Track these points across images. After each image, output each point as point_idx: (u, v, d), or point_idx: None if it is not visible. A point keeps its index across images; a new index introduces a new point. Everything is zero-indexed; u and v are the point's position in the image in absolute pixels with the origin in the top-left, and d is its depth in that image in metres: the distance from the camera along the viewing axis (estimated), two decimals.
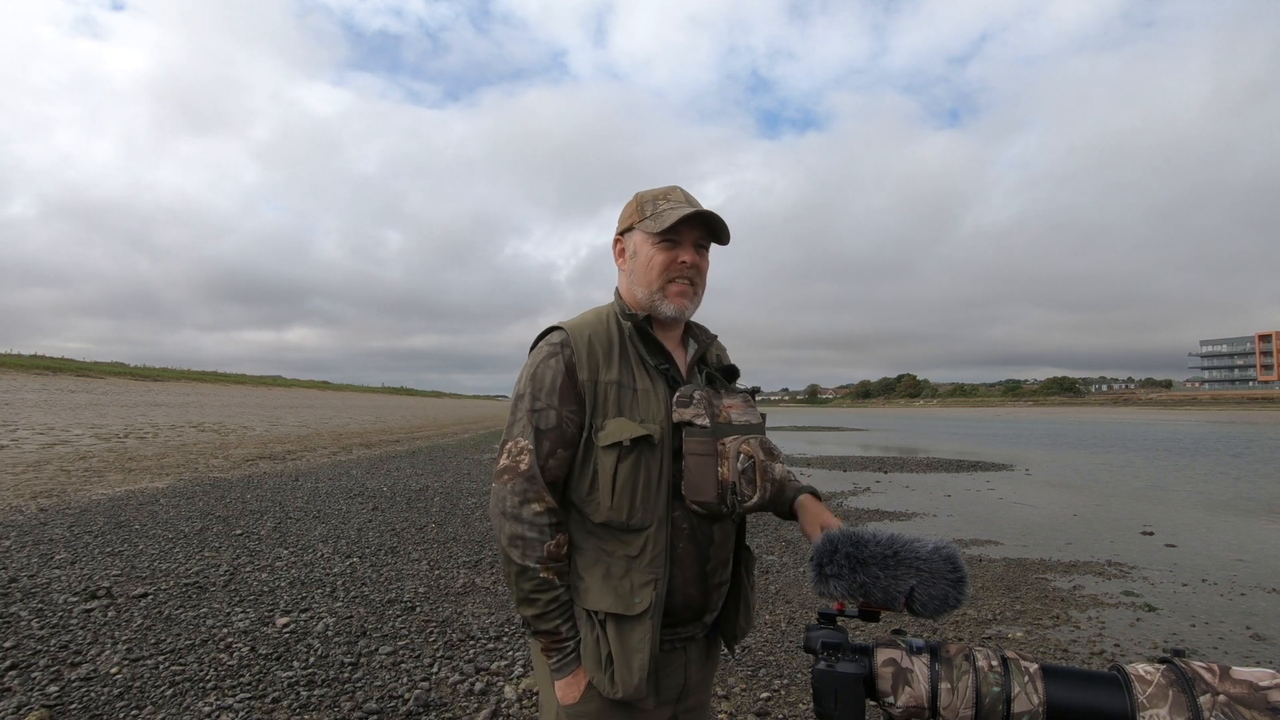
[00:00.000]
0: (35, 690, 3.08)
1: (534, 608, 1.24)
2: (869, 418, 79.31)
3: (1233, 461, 18.05)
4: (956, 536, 7.52)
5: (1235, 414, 76.56)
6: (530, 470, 1.23)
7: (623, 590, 1.24)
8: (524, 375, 1.31)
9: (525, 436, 1.25)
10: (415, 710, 3.01)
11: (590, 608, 1.25)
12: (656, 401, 1.29)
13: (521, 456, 1.24)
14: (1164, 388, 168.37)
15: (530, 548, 1.22)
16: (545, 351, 1.30)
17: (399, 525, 7.26)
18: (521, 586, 1.23)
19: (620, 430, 1.24)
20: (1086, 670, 0.84)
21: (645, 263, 1.33)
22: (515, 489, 1.23)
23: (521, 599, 1.24)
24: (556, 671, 1.25)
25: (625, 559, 1.26)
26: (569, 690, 1.25)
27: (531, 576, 1.22)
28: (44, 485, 8.90)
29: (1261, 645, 4.23)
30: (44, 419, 17.10)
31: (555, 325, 1.35)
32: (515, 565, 1.23)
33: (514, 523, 1.22)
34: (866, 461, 17.42)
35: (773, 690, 3.31)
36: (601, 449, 1.25)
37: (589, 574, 1.27)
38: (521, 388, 1.29)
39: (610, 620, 1.24)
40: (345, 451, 16.65)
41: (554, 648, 1.25)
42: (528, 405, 1.27)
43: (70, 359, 44.07)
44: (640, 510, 1.25)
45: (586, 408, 1.26)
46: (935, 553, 0.99)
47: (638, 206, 1.37)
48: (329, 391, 72.85)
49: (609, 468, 1.24)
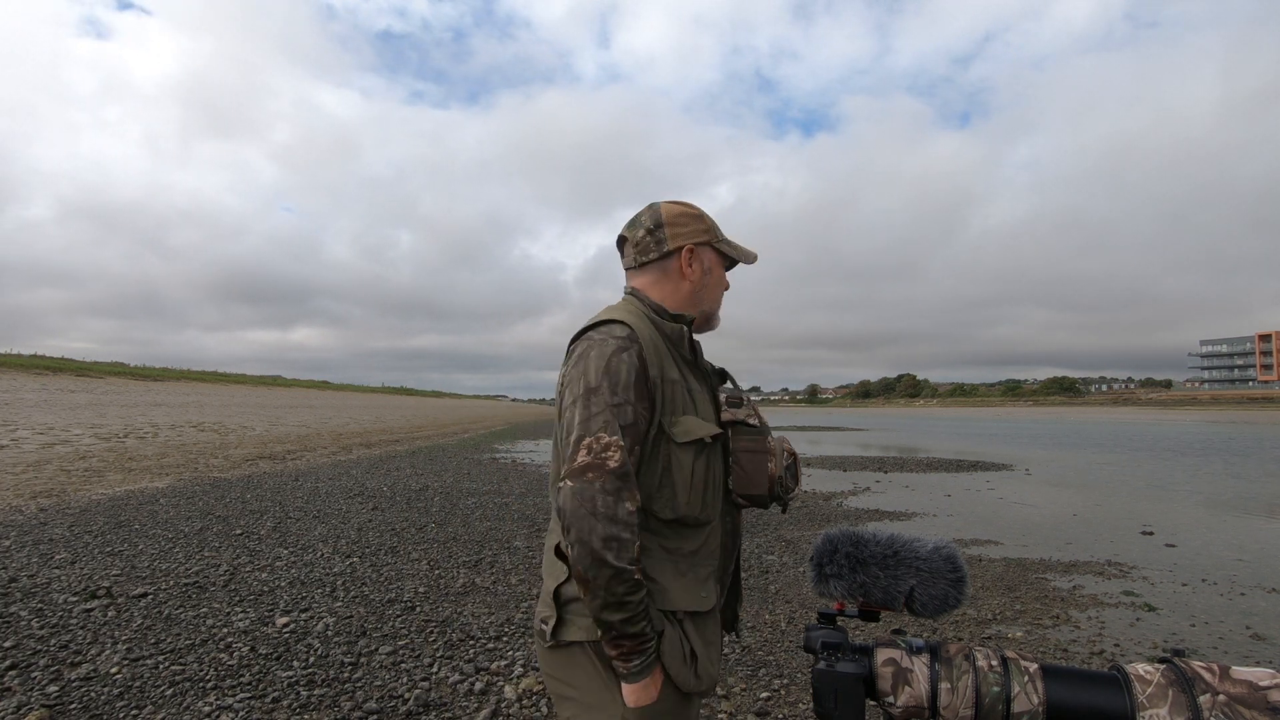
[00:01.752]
0: (35, 690, 3.08)
1: (624, 611, 1.14)
2: (869, 418, 79.31)
3: (1233, 461, 18.06)
4: (956, 536, 7.52)
5: (1235, 414, 76.55)
6: (622, 467, 1.15)
7: (693, 586, 1.27)
8: (592, 367, 1.22)
9: (609, 432, 1.16)
10: (415, 710, 3.01)
11: (670, 608, 1.24)
12: (707, 402, 1.35)
13: (609, 453, 1.15)
14: (1164, 388, 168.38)
15: (624, 549, 1.13)
16: (615, 345, 1.23)
17: (399, 525, 7.26)
18: (614, 591, 1.13)
19: (697, 427, 1.27)
20: (1086, 670, 0.84)
21: (717, 283, 1.44)
22: (607, 487, 1.13)
23: (611, 603, 1.14)
24: (636, 674, 1.18)
25: (688, 555, 1.28)
26: (648, 691, 1.20)
27: (626, 579, 1.13)
28: (44, 485, 8.90)
29: (1261, 645, 4.23)
30: (44, 419, 17.10)
31: (610, 318, 1.29)
32: (610, 568, 1.12)
33: (609, 523, 1.12)
34: (866, 461, 17.42)
35: (773, 690, 3.31)
36: (679, 445, 1.25)
37: (660, 574, 1.24)
38: (594, 380, 1.20)
39: (689, 618, 1.26)
40: (345, 451, 16.66)
41: (638, 650, 1.18)
42: (606, 399, 1.18)
43: (70, 359, 44.06)
44: (710, 506, 1.30)
45: (655, 405, 1.25)
46: (935, 552, 0.99)
47: (711, 225, 1.42)
48: (329, 391, 72.87)
49: (687, 464, 1.25)
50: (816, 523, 8.05)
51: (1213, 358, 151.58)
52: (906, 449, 23.53)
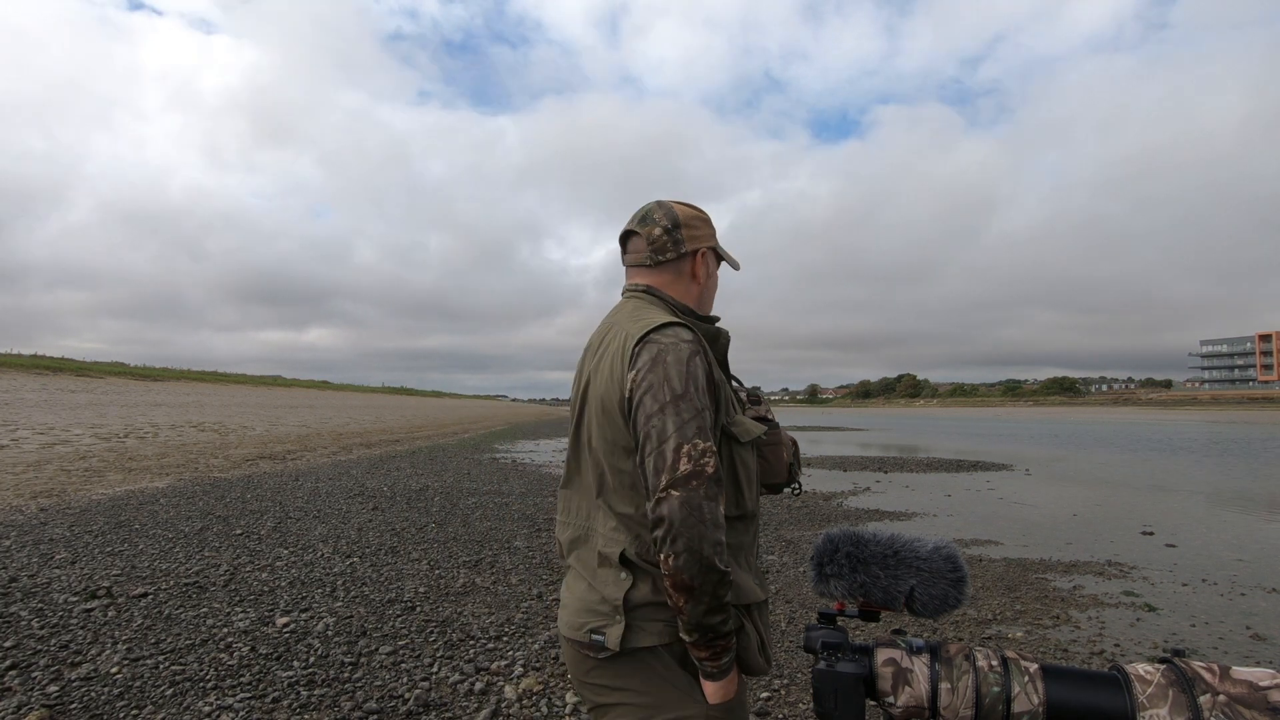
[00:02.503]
0: (35, 690, 3.08)
1: (724, 613, 1.16)
2: (869, 418, 79.32)
3: (1232, 461, 18.06)
4: (956, 536, 7.52)
5: (1235, 414, 76.55)
6: (718, 474, 1.16)
7: (755, 578, 1.33)
8: (674, 372, 1.19)
9: (703, 438, 1.16)
10: (415, 710, 3.01)
11: (744, 602, 1.26)
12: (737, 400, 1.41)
13: (706, 460, 1.15)
14: (1164, 388, 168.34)
15: (724, 552, 1.14)
16: (688, 349, 1.22)
17: (399, 525, 7.26)
18: (719, 595, 1.14)
19: (752, 427, 1.34)
20: (1086, 670, 0.84)
21: (714, 286, 1.50)
22: (711, 494, 1.14)
23: (715, 607, 1.14)
24: (724, 671, 1.20)
25: (745, 548, 1.33)
26: (731, 685, 1.21)
27: (728, 582, 1.15)
28: (44, 485, 8.90)
29: (1261, 645, 4.23)
30: (44, 419, 17.10)
31: (671, 321, 1.28)
32: (718, 573, 1.12)
33: (715, 529, 1.13)
34: (866, 461, 17.42)
35: (773, 690, 3.31)
36: (742, 445, 1.31)
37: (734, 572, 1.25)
38: (679, 386, 1.18)
39: (756, 608, 1.31)
40: (345, 451, 16.66)
41: (728, 648, 1.20)
42: (696, 404, 1.18)
43: (70, 359, 44.06)
44: (757, 499, 1.38)
45: (719, 407, 1.28)
46: (935, 552, 0.99)
47: (714, 230, 1.48)
48: (329, 391, 72.87)
49: (751, 463, 1.34)
50: (817, 523, 8.05)
51: (1213, 358, 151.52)
52: (906, 449, 23.53)
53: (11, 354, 39.25)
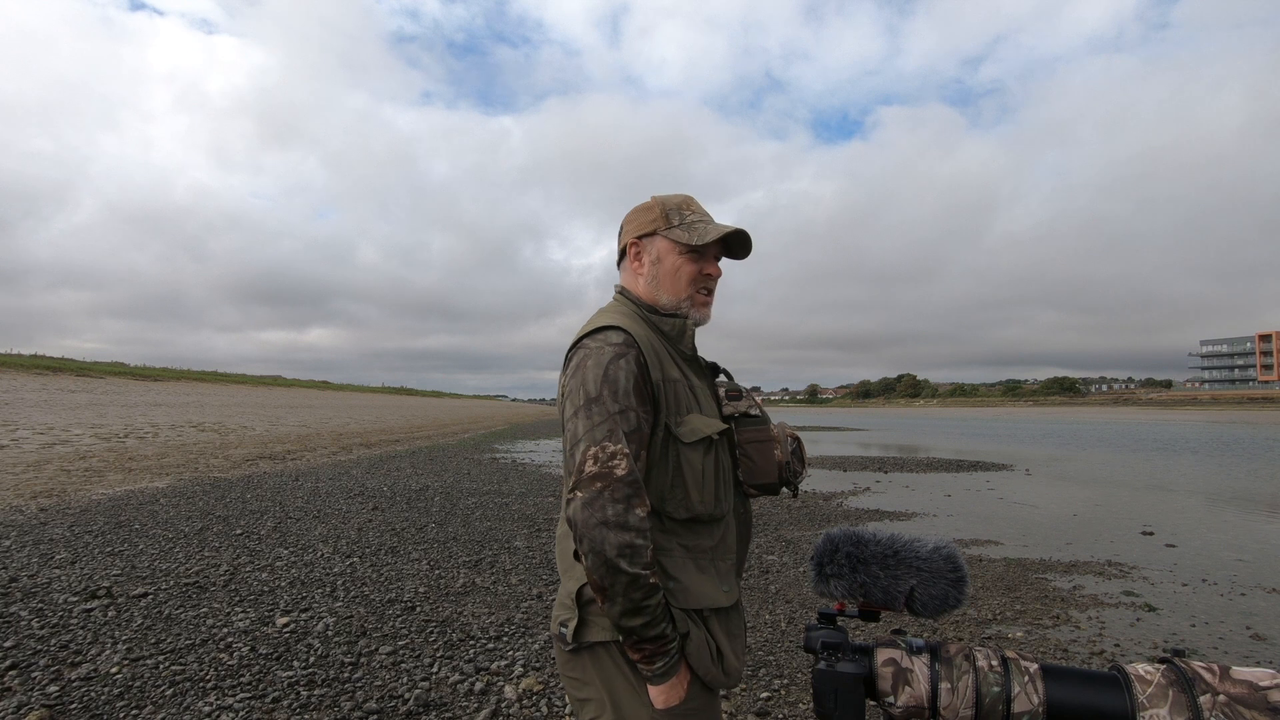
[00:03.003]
0: (35, 690, 3.08)
1: (643, 616, 1.16)
2: (869, 418, 79.31)
3: (1232, 461, 18.06)
4: (956, 536, 7.52)
5: (1235, 414, 76.54)
6: (629, 475, 1.16)
7: (714, 582, 1.29)
8: (590, 376, 1.22)
9: (614, 440, 1.17)
10: (415, 710, 3.01)
11: (693, 607, 1.24)
12: (708, 396, 1.37)
13: (615, 461, 1.16)
14: (1164, 388, 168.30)
15: (638, 555, 1.14)
16: (611, 352, 1.23)
17: (399, 525, 7.26)
18: (632, 596, 1.14)
19: (704, 425, 1.29)
20: (1086, 670, 0.84)
21: (673, 271, 1.38)
22: (617, 495, 1.14)
23: (630, 609, 1.15)
24: (661, 676, 1.20)
25: (707, 552, 1.30)
26: (674, 691, 1.21)
27: (643, 584, 1.14)
28: (44, 485, 8.90)
29: (1261, 645, 4.23)
30: (44, 419, 17.10)
31: (607, 324, 1.29)
32: (625, 575, 1.13)
33: (619, 531, 1.13)
34: (866, 461, 17.42)
35: (773, 690, 3.31)
36: (687, 445, 1.27)
37: (681, 573, 1.25)
38: (594, 389, 1.21)
39: (713, 615, 1.28)
40: (345, 451, 16.65)
41: (661, 652, 1.19)
42: (609, 407, 1.19)
43: (70, 359, 44.07)
44: (722, 501, 1.32)
45: (659, 407, 1.26)
46: (935, 552, 0.99)
47: (662, 213, 1.39)
48: (329, 391, 72.86)
49: (697, 463, 1.27)
50: (817, 523, 8.05)
51: (1213, 358, 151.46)
52: (906, 449, 23.53)
53: (11, 354, 39.24)
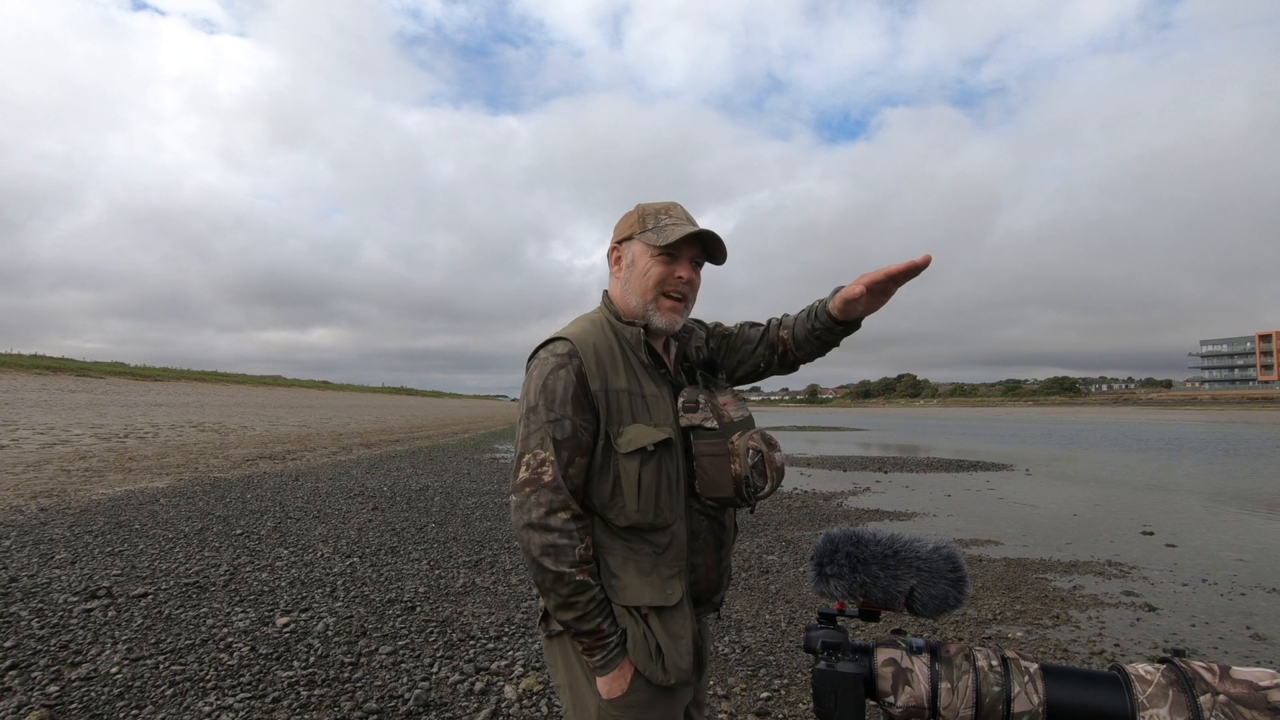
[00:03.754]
0: (35, 690, 3.08)
1: (574, 610, 1.25)
2: (869, 418, 79.30)
3: (1232, 461, 18.06)
4: (956, 536, 7.52)
5: (1235, 414, 76.55)
6: (554, 480, 1.25)
7: (655, 584, 1.32)
8: (532, 387, 1.31)
9: (544, 448, 1.27)
10: (415, 710, 3.01)
11: (630, 604, 1.30)
12: (665, 405, 1.38)
13: (543, 468, 1.26)
14: (1164, 388, 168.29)
15: (563, 554, 1.23)
16: (553, 363, 1.31)
17: (399, 525, 7.26)
18: (559, 592, 1.24)
19: (641, 436, 1.31)
20: (1086, 670, 0.84)
21: (642, 273, 1.40)
22: (540, 500, 1.25)
23: (560, 604, 1.25)
24: (601, 668, 1.27)
25: (652, 554, 1.33)
26: (616, 684, 1.27)
27: (568, 581, 1.24)
28: (44, 485, 8.90)
29: (1261, 645, 4.23)
30: (44, 419, 17.10)
31: (557, 335, 1.36)
32: (550, 573, 1.23)
33: (543, 533, 1.23)
34: (866, 461, 17.42)
35: (773, 690, 3.31)
36: (624, 455, 1.30)
37: (622, 572, 1.31)
38: (533, 399, 1.30)
39: (653, 613, 1.31)
40: (345, 451, 16.65)
41: (598, 645, 1.27)
42: (543, 417, 1.28)
43: (70, 359, 44.08)
44: (665, 510, 1.33)
45: (600, 416, 1.31)
46: (935, 552, 0.99)
47: (639, 218, 1.42)
48: (329, 391, 72.84)
49: (633, 473, 1.30)
50: (817, 523, 8.05)
51: (1213, 358, 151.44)
52: (906, 449, 23.53)
53: (12, 354, 39.25)
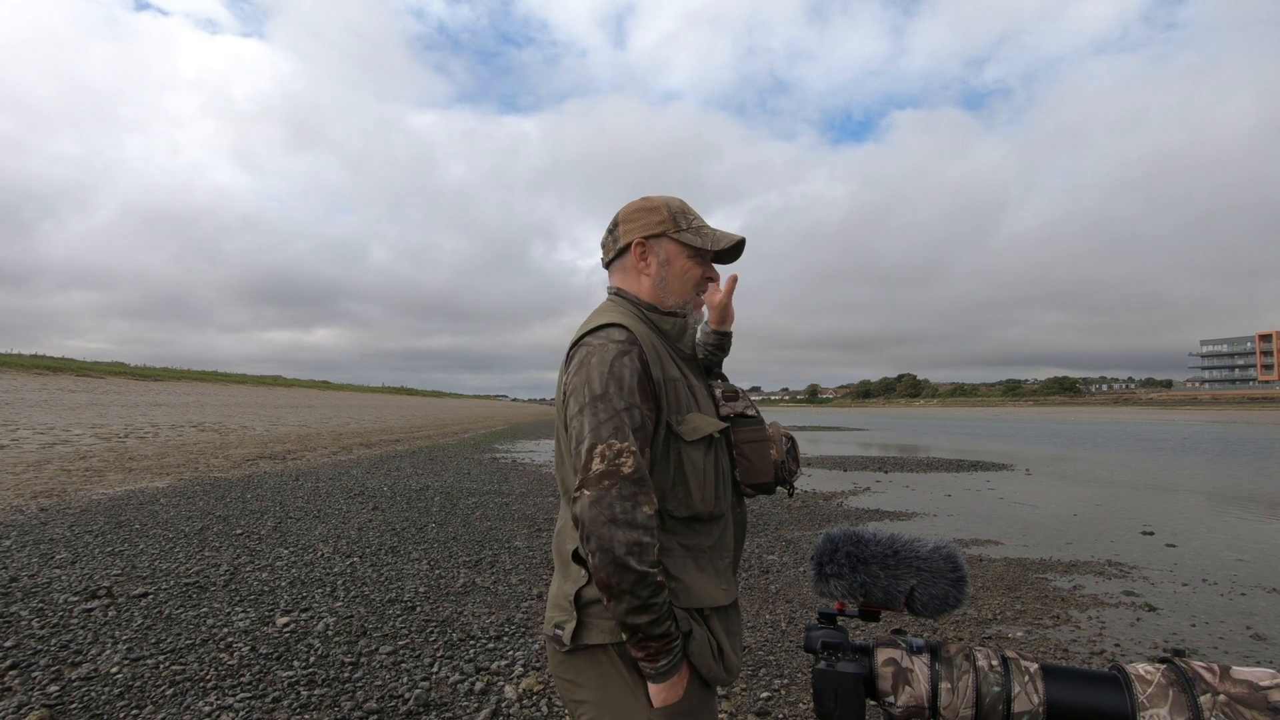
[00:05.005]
0: (36, 690, 3.08)
1: (650, 614, 1.16)
2: (869, 418, 79.30)
3: (1233, 461, 18.06)
4: (956, 536, 7.52)
5: (1235, 414, 76.53)
6: (636, 472, 1.16)
7: (714, 581, 1.30)
8: (596, 373, 1.22)
9: (620, 438, 1.17)
10: (415, 710, 3.01)
11: (695, 605, 1.25)
12: (707, 396, 1.37)
13: (623, 459, 1.16)
14: (1164, 388, 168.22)
15: (646, 552, 1.14)
16: (616, 349, 1.23)
17: (399, 525, 7.26)
18: (640, 594, 1.14)
19: (704, 424, 1.29)
20: (1087, 670, 0.84)
21: (681, 274, 1.40)
22: (624, 493, 1.14)
23: (637, 607, 1.15)
24: (664, 674, 1.19)
25: (706, 550, 1.31)
26: (675, 689, 1.21)
27: (650, 582, 1.14)
28: (44, 485, 8.90)
29: (1262, 645, 4.23)
30: (44, 419, 17.10)
31: (609, 322, 1.30)
32: (634, 573, 1.13)
33: (629, 529, 1.13)
34: (866, 461, 17.42)
35: (773, 690, 3.31)
36: (689, 443, 1.27)
37: (682, 573, 1.26)
38: (599, 386, 1.20)
39: (714, 614, 1.29)
40: (345, 451, 16.65)
41: (665, 650, 1.19)
42: (615, 404, 1.19)
43: (70, 359, 44.09)
44: (721, 500, 1.32)
45: (660, 405, 1.26)
46: (935, 552, 0.99)
47: (670, 216, 1.39)
48: (329, 391, 72.86)
49: (699, 462, 1.27)
50: (817, 523, 8.05)
51: (1213, 358, 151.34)
52: (906, 449, 23.53)
53: (12, 354, 39.25)
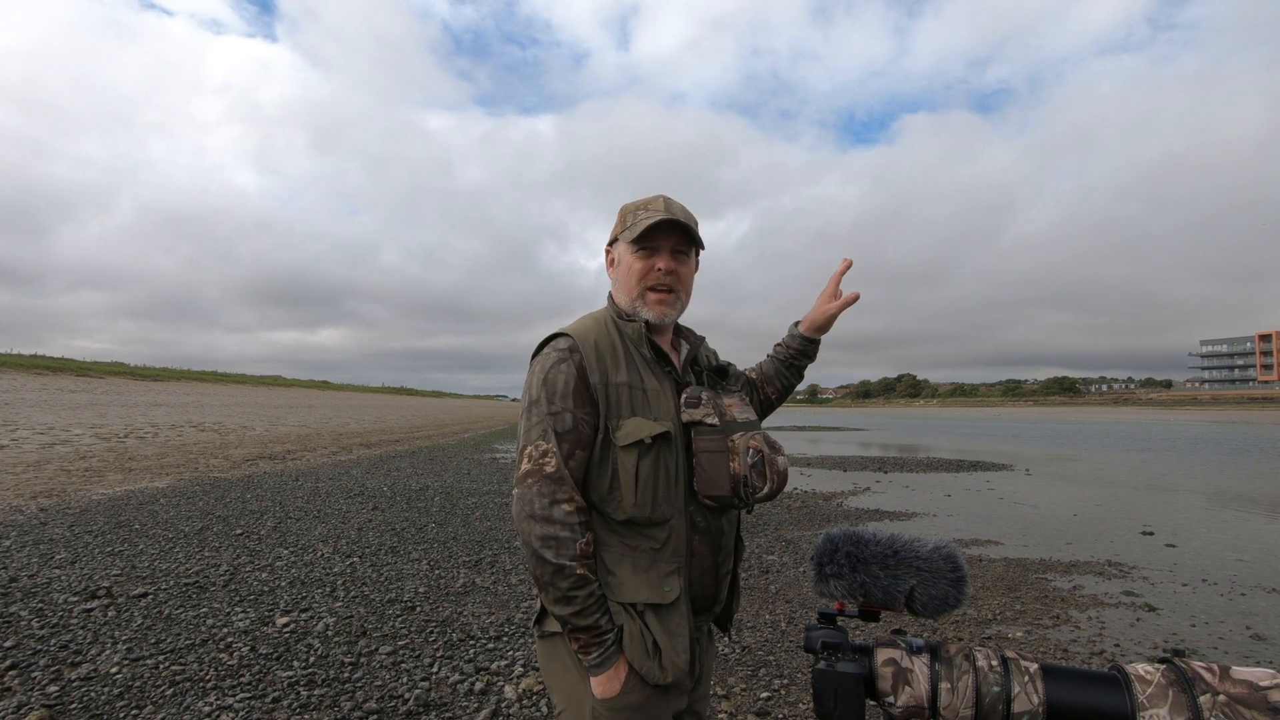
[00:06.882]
0: (35, 690, 3.08)
1: (572, 605, 1.24)
2: (869, 418, 79.30)
3: (1232, 461, 18.06)
4: (956, 536, 7.52)
5: (1235, 414, 76.54)
6: (557, 472, 1.25)
7: (653, 580, 1.31)
8: (534, 381, 1.33)
9: (546, 440, 1.27)
10: (415, 710, 3.01)
11: (626, 600, 1.29)
12: (666, 400, 1.37)
13: (545, 459, 1.26)
14: (1164, 388, 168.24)
15: (564, 546, 1.23)
16: (554, 357, 1.33)
17: (399, 525, 7.26)
18: (559, 585, 1.23)
19: (639, 429, 1.31)
20: (1086, 670, 0.84)
21: (626, 271, 1.42)
22: (543, 491, 1.24)
23: (559, 598, 1.24)
24: (597, 666, 1.25)
25: (650, 551, 1.32)
26: (610, 683, 1.26)
27: (569, 574, 1.23)
28: (44, 485, 8.90)
29: (1261, 645, 4.23)
30: (44, 419, 17.10)
31: (559, 332, 1.39)
32: (550, 565, 1.22)
33: (544, 524, 1.23)
34: (866, 461, 17.42)
35: (773, 690, 3.31)
36: (622, 448, 1.30)
37: (618, 568, 1.30)
38: (535, 393, 1.32)
39: (649, 610, 1.30)
40: (345, 451, 16.65)
41: (595, 642, 1.25)
42: (544, 409, 1.29)
43: (70, 359, 44.09)
44: (663, 504, 1.32)
45: (600, 410, 1.31)
46: (935, 552, 0.98)
47: (621, 218, 1.46)
48: (329, 391, 72.86)
49: (630, 466, 1.30)
50: (817, 523, 8.05)
51: (1213, 358, 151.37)
52: (906, 449, 23.53)
53: (12, 354, 39.25)
